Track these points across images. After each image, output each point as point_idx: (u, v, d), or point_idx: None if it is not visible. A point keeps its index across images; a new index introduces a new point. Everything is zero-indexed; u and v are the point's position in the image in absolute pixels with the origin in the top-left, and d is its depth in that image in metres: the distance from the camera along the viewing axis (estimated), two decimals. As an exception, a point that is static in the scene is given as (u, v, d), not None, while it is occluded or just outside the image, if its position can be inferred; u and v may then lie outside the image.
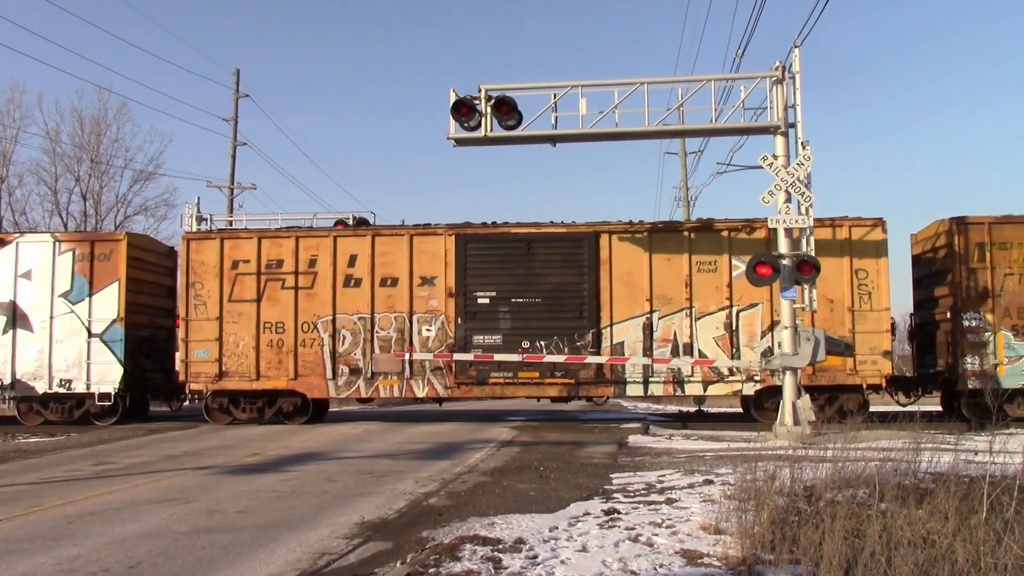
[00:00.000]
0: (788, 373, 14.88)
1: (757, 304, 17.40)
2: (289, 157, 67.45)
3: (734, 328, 17.44)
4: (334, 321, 18.13)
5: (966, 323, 16.91)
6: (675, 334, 17.57)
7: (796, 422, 14.56)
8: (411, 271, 18.09)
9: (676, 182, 36.84)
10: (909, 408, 17.68)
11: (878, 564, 5.27)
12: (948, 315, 17.31)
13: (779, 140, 15.19)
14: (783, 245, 14.88)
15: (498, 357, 17.46)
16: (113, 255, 18.58)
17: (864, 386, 17.12)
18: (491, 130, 15.61)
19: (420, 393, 18.06)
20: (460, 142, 16.05)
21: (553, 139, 16.18)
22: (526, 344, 17.61)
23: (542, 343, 17.62)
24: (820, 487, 7.36)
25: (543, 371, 17.63)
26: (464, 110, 15.46)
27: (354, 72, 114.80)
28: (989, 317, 16.89)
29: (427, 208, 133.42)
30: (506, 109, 15.48)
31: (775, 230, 15.04)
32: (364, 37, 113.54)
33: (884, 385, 17.23)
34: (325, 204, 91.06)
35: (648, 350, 17.46)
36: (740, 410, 21.78)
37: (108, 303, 18.44)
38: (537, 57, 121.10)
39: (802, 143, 14.88)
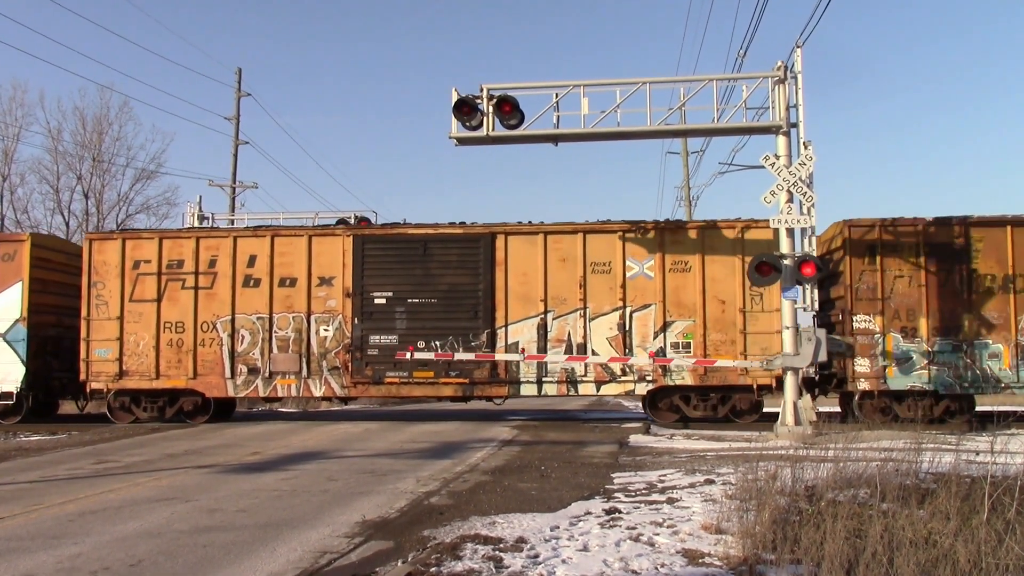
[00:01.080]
0: (789, 373, 14.88)
1: (650, 305, 17.62)
2: (291, 156, 67.60)
3: (627, 328, 17.63)
4: (233, 321, 18.30)
5: (856, 324, 17.04)
6: (569, 334, 17.75)
7: (797, 422, 14.55)
8: (309, 271, 18.26)
9: (678, 182, 36.88)
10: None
11: (879, 564, 5.27)
12: (841, 316, 17.49)
13: (781, 140, 15.17)
14: (784, 245, 14.88)
15: (504, 357, 17.45)
16: (17, 255, 18.65)
17: (755, 386, 17.34)
18: (493, 129, 15.59)
19: (317, 392, 18.28)
20: (462, 141, 16.04)
21: (555, 138, 16.17)
22: (421, 344, 17.78)
23: (437, 343, 17.77)
24: (821, 487, 7.35)
25: (438, 371, 17.77)
26: (466, 109, 15.46)
27: (356, 71, 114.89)
28: (878, 319, 16.99)
29: (429, 208, 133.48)
30: (508, 108, 15.47)
31: (775, 230, 15.03)
32: (366, 36, 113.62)
33: (775, 385, 17.30)
34: (327, 203, 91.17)
35: (542, 350, 17.68)
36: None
37: (11, 303, 18.49)
38: (539, 56, 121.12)
39: (804, 143, 14.85)
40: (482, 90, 15.50)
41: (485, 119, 15.51)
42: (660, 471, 10.91)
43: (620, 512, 7.97)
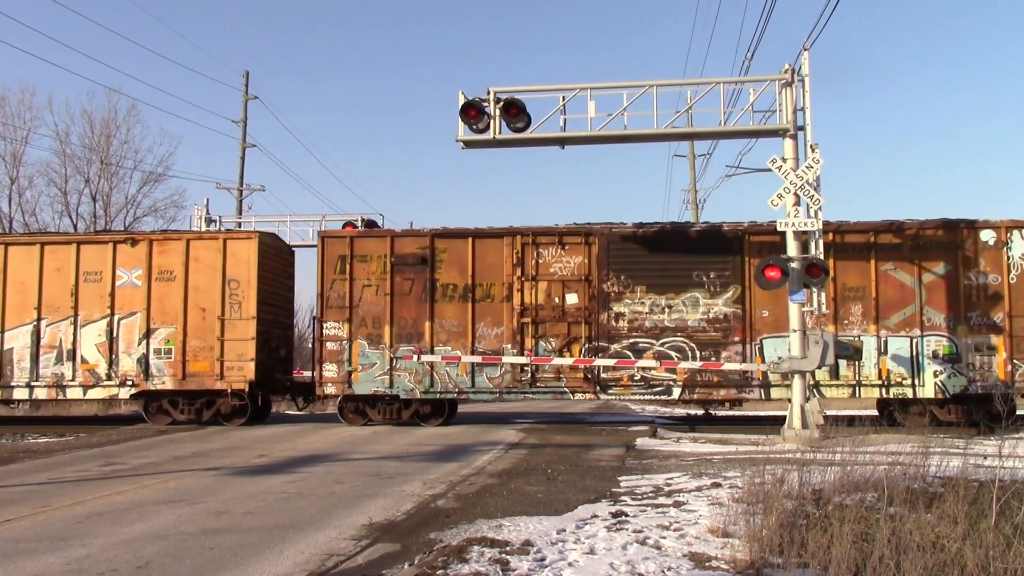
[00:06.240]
0: (796, 376, 14.83)
1: (136, 313, 18.58)
2: (298, 158, 67.75)
3: (115, 335, 18.58)
4: None
5: (327, 331, 17.92)
6: (61, 341, 18.67)
7: (804, 426, 14.51)
8: None
9: (685, 184, 36.79)
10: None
11: (887, 568, 5.26)
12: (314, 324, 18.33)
13: (788, 143, 15.14)
14: (792, 248, 14.84)
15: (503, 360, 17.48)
16: None
17: (229, 391, 18.23)
18: (500, 132, 15.60)
19: None
20: (469, 144, 16.04)
21: (562, 141, 16.17)
22: None
23: None
24: (828, 491, 7.34)
25: None
26: (473, 112, 15.46)
27: (363, 74, 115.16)
28: (346, 326, 17.82)
29: (435, 210, 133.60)
30: (515, 111, 15.46)
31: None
32: (373, 39, 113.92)
33: (247, 390, 18.20)
34: (334, 206, 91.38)
35: (35, 357, 18.60)
36: (742, 413, 21.75)
37: None
38: (546, 59, 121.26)
39: (811, 146, 14.82)
40: (489, 93, 15.51)
41: (492, 122, 15.51)
42: (667, 474, 10.90)
43: (627, 515, 7.96)
